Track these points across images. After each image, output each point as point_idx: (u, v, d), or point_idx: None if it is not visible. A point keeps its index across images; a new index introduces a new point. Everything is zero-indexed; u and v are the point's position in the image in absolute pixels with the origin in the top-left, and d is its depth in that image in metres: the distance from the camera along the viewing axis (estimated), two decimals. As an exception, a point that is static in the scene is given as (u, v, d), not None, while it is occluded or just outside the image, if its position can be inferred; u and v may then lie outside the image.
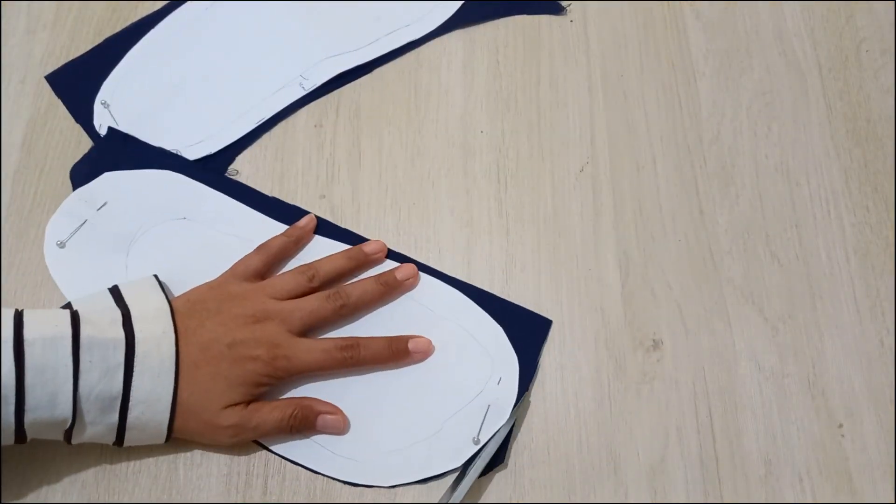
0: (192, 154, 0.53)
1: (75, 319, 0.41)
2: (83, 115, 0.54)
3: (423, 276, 0.49)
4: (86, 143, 0.54)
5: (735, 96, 0.55)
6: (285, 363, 0.44)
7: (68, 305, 0.43)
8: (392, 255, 0.50)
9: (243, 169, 0.53)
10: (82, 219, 0.49)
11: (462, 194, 0.52)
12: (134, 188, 0.51)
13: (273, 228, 0.50)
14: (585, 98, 0.55)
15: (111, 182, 0.51)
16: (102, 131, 0.53)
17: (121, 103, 0.54)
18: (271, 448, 0.44)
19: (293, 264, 0.49)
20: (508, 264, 0.50)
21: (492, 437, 0.44)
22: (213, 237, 0.50)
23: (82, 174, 0.51)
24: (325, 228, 0.51)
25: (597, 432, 0.45)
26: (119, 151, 0.52)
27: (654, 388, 0.46)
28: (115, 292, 0.44)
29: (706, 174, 0.52)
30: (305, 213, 0.51)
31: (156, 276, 0.46)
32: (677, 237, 0.50)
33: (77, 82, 0.55)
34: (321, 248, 0.50)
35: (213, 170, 0.52)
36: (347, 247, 0.50)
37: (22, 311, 0.41)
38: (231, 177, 0.51)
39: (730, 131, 0.54)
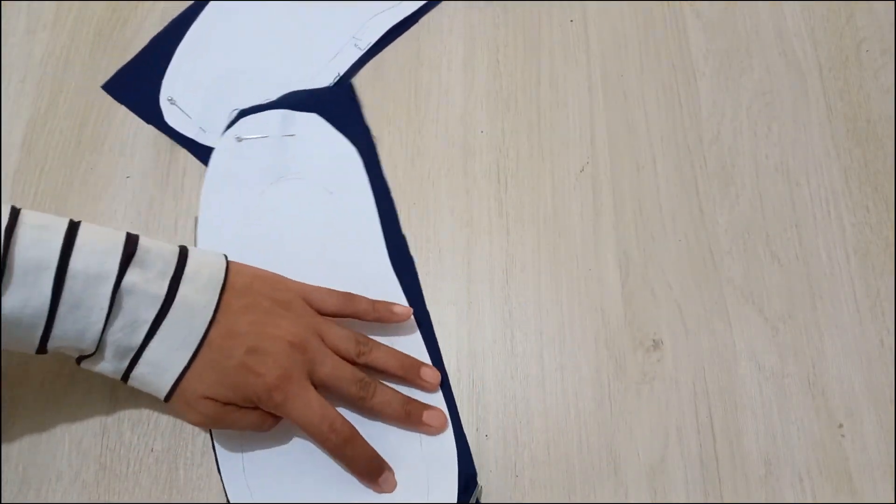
0: None
1: (128, 251, 0.40)
2: (151, 115, 0.55)
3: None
4: (86, 143, 0.54)
5: (735, 96, 0.55)
6: (281, 399, 0.41)
7: (131, 240, 0.41)
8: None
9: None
10: (268, 132, 0.51)
11: (462, 194, 0.52)
12: (326, 142, 0.52)
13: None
14: (585, 98, 0.55)
15: (312, 123, 0.53)
16: (177, 126, 0.54)
17: (186, 97, 0.55)
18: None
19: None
20: (508, 264, 0.50)
21: None
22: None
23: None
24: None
25: (597, 432, 0.45)
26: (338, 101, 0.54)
27: (654, 388, 0.46)
28: (182, 251, 0.43)
29: (706, 174, 0.52)
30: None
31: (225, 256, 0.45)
32: (677, 237, 0.50)
33: (135, 85, 0.56)
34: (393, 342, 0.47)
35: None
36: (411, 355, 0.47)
37: (78, 225, 0.40)
38: None
39: (730, 131, 0.54)
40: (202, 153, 0.53)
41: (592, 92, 0.55)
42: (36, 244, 0.38)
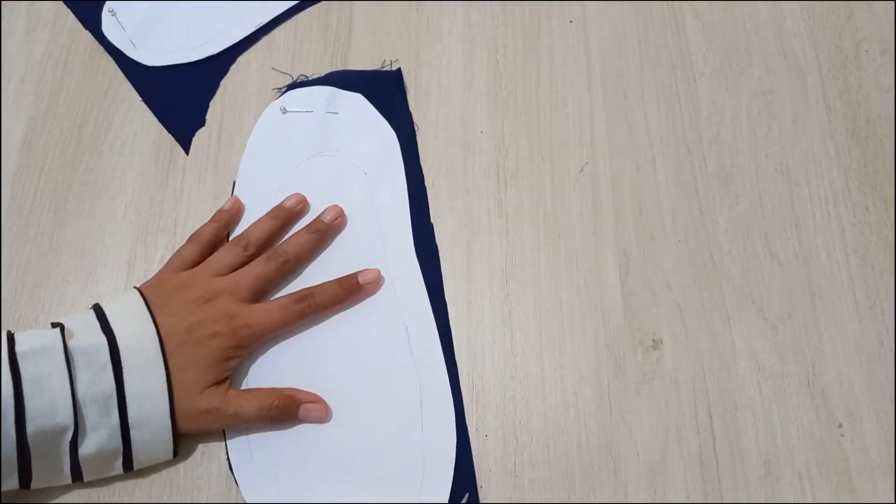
0: (194, 55, 0.57)
1: (62, 331, 0.41)
2: (92, 23, 0.58)
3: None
4: (86, 143, 0.54)
5: (735, 96, 0.55)
6: (247, 331, 0.44)
7: (57, 325, 0.42)
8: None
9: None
10: (313, 107, 0.52)
11: (462, 194, 0.52)
12: (368, 124, 0.53)
13: None
14: (585, 98, 0.55)
15: (357, 103, 0.54)
16: (111, 37, 0.57)
17: (127, 11, 0.59)
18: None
19: None
20: (508, 264, 0.50)
21: None
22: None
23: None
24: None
25: (597, 432, 0.45)
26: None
27: (653, 388, 0.46)
28: (96, 308, 0.44)
29: (706, 174, 0.52)
30: None
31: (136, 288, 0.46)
32: (677, 237, 0.50)
33: None
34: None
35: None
36: None
37: (11, 332, 0.41)
38: None
39: (729, 131, 0.54)
40: (128, 66, 0.57)
41: (592, 92, 0.55)
42: None
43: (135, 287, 0.46)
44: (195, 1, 0.59)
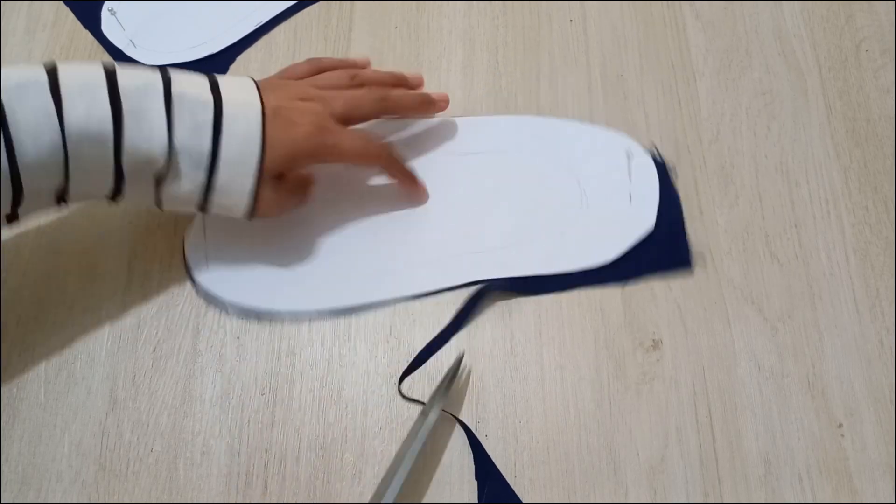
0: (194, 55, 0.57)
1: (165, 76, 0.42)
2: (92, 23, 0.58)
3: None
4: (86, 143, 0.54)
5: (735, 96, 0.55)
6: (330, 139, 0.45)
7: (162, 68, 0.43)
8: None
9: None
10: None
11: (462, 194, 0.52)
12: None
13: None
14: (585, 98, 0.55)
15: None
16: (111, 36, 0.58)
17: (126, 10, 0.59)
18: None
19: None
20: (508, 264, 0.50)
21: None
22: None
23: None
24: None
25: (597, 432, 0.45)
26: None
27: (653, 388, 0.46)
28: (209, 74, 0.44)
29: (706, 174, 0.52)
30: None
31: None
32: (677, 237, 0.50)
33: None
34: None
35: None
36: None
37: (113, 65, 0.41)
38: None
39: (729, 131, 0.54)
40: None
41: (592, 92, 0.55)
42: (80, 71, 0.40)
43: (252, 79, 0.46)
44: (195, 0, 0.59)
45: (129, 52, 0.57)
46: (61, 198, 0.41)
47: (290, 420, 0.46)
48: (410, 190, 0.50)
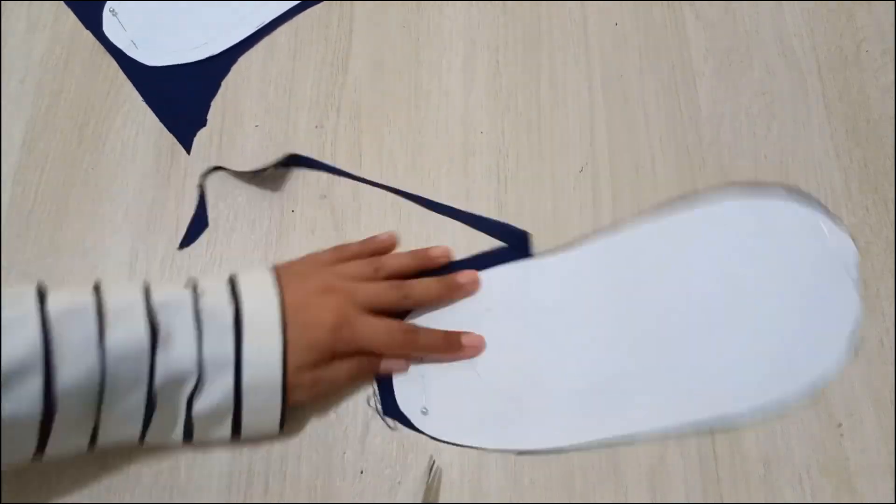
0: (195, 56, 0.57)
1: (195, 289, 0.43)
2: (93, 23, 0.58)
3: None
4: (86, 143, 0.54)
5: (735, 96, 0.55)
6: (349, 333, 0.44)
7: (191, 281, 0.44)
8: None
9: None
10: (421, 375, 0.47)
11: (462, 194, 0.52)
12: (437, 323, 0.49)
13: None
14: (585, 98, 0.55)
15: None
16: (112, 37, 0.58)
17: (128, 11, 0.59)
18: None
19: None
20: (508, 264, 0.50)
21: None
22: (524, 307, 0.49)
23: None
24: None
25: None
26: None
27: (654, 388, 0.46)
28: (231, 277, 0.45)
29: (706, 174, 0.52)
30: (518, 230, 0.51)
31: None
32: (677, 237, 0.50)
33: None
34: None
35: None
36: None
37: (147, 283, 0.43)
38: None
39: (730, 131, 0.54)
40: (129, 66, 0.57)
41: (592, 92, 0.55)
42: (119, 293, 0.41)
43: (270, 266, 0.47)
44: (197, 1, 0.59)
45: (130, 52, 0.57)
46: (91, 439, 0.41)
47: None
48: (453, 358, 0.47)
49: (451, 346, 0.47)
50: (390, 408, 0.46)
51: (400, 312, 0.48)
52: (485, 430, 0.45)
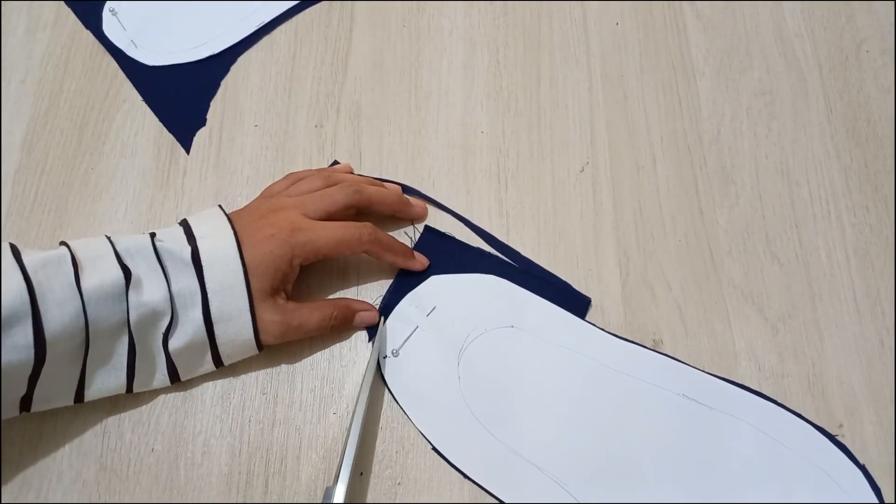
0: (195, 55, 0.57)
1: (153, 237, 0.44)
2: (93, 23, 0.59)
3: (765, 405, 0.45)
4: (86, 143, 0.54)
5: (735, 96, 0.55)
6: (302, 237, 0.44)
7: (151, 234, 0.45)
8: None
9: (244, 168, 0.53)
10: (414, 325, 0.48)
11: (462, 194, 0.52)
12: (461, 292, 0.49)
13: (594, 334, 0.48)
14: (585, 98, 0.55)
15: (438, 285, 0.49)
16: (112, 37, 0.58)
17: (128, 10, 0.59)
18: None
19: None
20: (509, 264, 0.50)
21: None
22: (541, 347, 0.47)
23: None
24: None
25: (597, 432, 0.45)
26: (439, 249, 0.50)
27: (654, 388, 0.46)
28: (183, 221, 0.46)
29: (706, 174, 0.52)
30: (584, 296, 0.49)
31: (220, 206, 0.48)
32: (677, 237, 0.50)
33: None
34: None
35: (533, 276, 0.49)
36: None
37: (109, 236, 0.43)
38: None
39: (730, 131, 0.54)
40: (129, 66, 0.57)
41: (592, 92, 0.55)
42: (87, 244, 0.42)
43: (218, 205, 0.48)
44: (196, 1, 0.59)
45: (130, 52, 0.57)
46: (79, 391, 0.43)
47: (291, 419, 0.46)
48: (407, 265, 0.49)
49: (407, 252, 0.49)
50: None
51: None
52: (456, 442, 0.45)
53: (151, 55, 0.57)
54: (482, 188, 0.52)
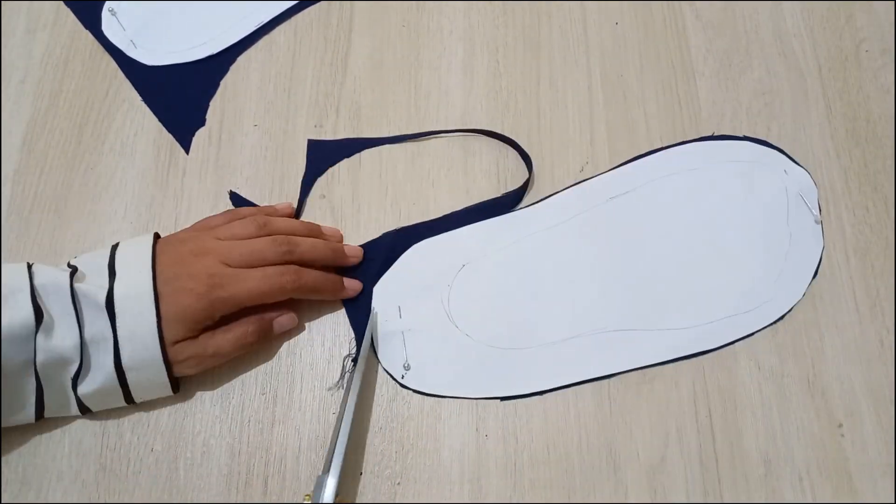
0: (194, 55, 0.57)
1: (72, 274, 0.43)
2: (92, 23, 0.59)
3: None
4: (86, 144, 0.54)
5: (735, 96, 0.55)
6: (220, 293, 0.43)
7: (72, 266, 0.44)
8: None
9: (244, 168, 0.53)
10: (399, 334, 0.48)
11: (462, 194, 0.52)
12: (406, 275, 0.49)
13: (529, 213, 0.51)
14: (585, 98, 0.55)
15: (386, 287, 0.49)
16: (111, 37, 0.58)
17: (127, 10, 0.59)
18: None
19: None
20: (508, 264, 0.50)
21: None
22: (499, 257, 0.50)
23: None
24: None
25: (597, 432, 0.45)
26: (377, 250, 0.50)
27: (654, 388, 0.46)
28: (113, 248, 0.45)
29: (706, 174, 0.52)
30: None
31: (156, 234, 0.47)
32: (677, 237, 0.50)
33: None
34: None
35: (453, 218, 0.51)
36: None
37: (30, 263, 0.43)
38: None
39: (729, 131, 0.54)
40: (128, 66, 0.57)
41: (592, 92, 0.55)
42: (8, 275, 0.41)
43: (155, 233, 0.47)
44: (195, 1, 0.59)
45: (129, 52, 0.57)
46: None
47: (291, 419, 0.46)
48: (339, 297, 0.48)
49: (336, 286, 0.47)
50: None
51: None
52: (467, 381, 0.46)
53: (151, 55, 0.57)
54: (482, 188, 0.52)
